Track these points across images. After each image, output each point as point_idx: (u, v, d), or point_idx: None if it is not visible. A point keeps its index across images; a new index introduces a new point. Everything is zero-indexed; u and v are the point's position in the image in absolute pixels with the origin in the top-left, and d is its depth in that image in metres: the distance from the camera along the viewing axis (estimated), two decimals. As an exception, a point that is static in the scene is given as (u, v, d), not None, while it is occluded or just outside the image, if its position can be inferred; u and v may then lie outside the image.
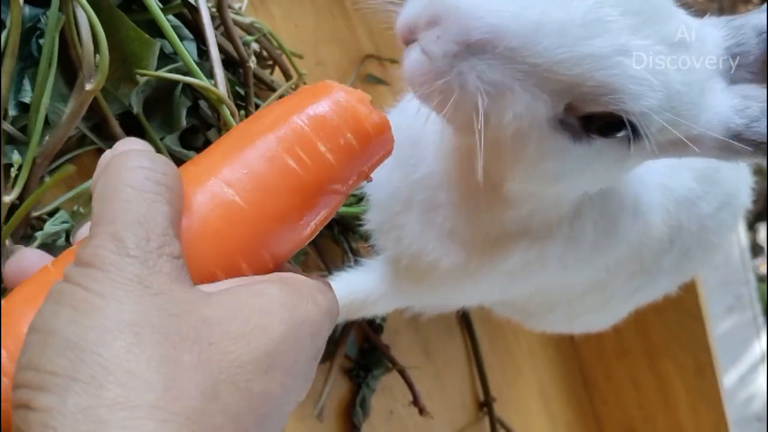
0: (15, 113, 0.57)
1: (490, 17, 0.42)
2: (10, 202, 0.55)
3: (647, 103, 0.44)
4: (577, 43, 0.43)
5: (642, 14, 0.44)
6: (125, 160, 0.37)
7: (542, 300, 0.83)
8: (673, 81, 0.45)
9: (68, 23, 0.58)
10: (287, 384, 0.36)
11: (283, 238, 0.41)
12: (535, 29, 0.42)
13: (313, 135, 0.40)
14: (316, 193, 0.41)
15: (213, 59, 0.64)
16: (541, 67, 0.43)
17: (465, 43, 0.42)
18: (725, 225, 0.80)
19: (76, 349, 0.31)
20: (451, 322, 1.09)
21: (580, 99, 0.45)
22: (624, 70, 0.43)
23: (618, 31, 0.43)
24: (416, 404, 0.93)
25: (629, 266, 0.73)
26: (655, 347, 1.23)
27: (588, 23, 0.43)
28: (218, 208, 0.39)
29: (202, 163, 0.41)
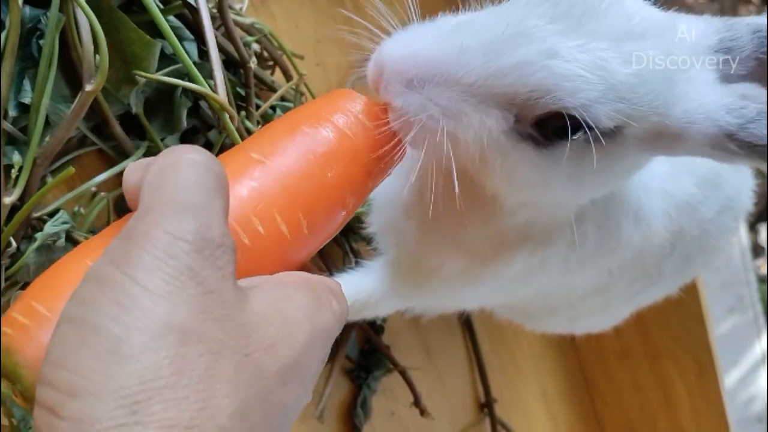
0: (15, 114, 0.57)
1: (420, 54, 0.47)
2: (11, 203, 0.55)
3: (584, 96, 0.45)
4: (501, 55, 0.45)
5: (572, 17, 0.46)
6: (183, 152, 0.35)
7: (543, 303, 0.83)
8: (615, 72, 0.46)
9: (68, 24, 0.58)
10: (300, 392, 0.36)
11: (319, 209, 0.43)
12: (459, 52, 0.46)
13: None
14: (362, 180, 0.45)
15: (213, 61, 0.64)
16: (476, 85, 0.46)
17: (405, 81, 0.46)
18: (727, 228, 0.80)
19: (116, 353, 0.29)
20: (452, 323, 1.09)
21: (524, 107, 0.47)
22: (553, 71, 0.45)
23: (543, 37, 0.45)
24: (417, 405, 0.93)
25: (631, 271, 0.74)
26: (656, 348, 1.23)
27: (511, 36, 0.46)
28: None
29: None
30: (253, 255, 0.39)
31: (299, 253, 0.43)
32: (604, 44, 0.46)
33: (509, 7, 0.48)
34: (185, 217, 0.32)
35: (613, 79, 0.46)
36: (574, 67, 0.45)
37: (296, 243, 0.42)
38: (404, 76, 0.46)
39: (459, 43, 0.46)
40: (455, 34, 0.47)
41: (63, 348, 0.30)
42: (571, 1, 0.46)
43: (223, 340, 0.32)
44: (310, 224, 0.42)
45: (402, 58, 0.47)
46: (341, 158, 0.44)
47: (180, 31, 0.68)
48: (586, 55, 0.45)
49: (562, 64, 0.45)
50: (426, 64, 0.46)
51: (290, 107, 0.80)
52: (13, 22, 0.53)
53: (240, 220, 0.39)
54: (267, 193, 0.41)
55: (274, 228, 0.40)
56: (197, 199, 0.33)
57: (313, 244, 0.44)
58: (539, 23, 0.45)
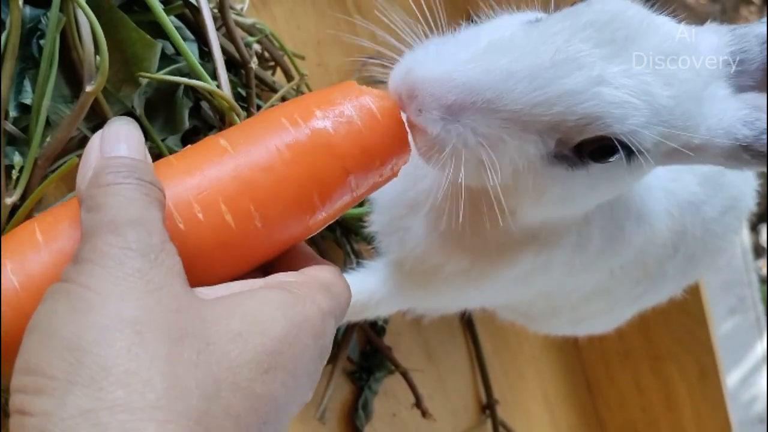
0: (16, 114, 0.56)
1: (458, 77, 0.44)
2: (12, 203, 0.55)
3: (633, 122, 0.45)
4: (549, 83, 0.44)
5: (615, 42, 0.45)
6: (114, 173, 0.37)
7: (545, 304, 0.83)
8: (658, 96, 0.46)
9: (69, 24, 0.57)
10: (290, 384, 0.35)
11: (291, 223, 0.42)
12: (505, 78, 0.44)
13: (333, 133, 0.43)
14: (331, 186, 0.43)
15: (216, 61, 0.64)
16: (521, 113, 0.45)
17: (444, 107, 0.44)
18: (730, 229, 0.79)
19: (75, 350, 0.31)
20: (453, 325, 1.08)
21: (568, 132, 0.46)
22: (603, 98, 0.44)
23: (591, 63, 0.45)
24: (419, 407, 0.93)
25: (634, 272, 0.73)
26: (658, 350, 1.23)
27: (558, 63, 0.44)
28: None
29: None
30: (187, 241, 0.39)
31: (252, 246, 0.41)
32: (647, 68, 0.46)
33: (549, 29, 0.46)
34: (125, 230, 0.34)
35: (656, 103, 0.46)
36: (622, 93, 0.45)
37: (245, 235, 0.40)
38: (442, 102, 0.44)
39: (503, 67, 0.44)
40: (494, 55, 0.45)
41: (27, 355, 0.32)
42: (614, 25, 0.45)
43: (182, 327, 0.33)
44: (265, 218, 0.41)
45: (439, 82, 0.44)
46: (312, 154, 0.42)
47: (181, 31, 0.67)
48: (631, 81, 0.45)
49: (611, 91, 0.44)
50: (467, 89, 0.44)
51: (291, 108, 0.80)
52: (14, 22, 0.53)
53: (179, 205, 0.39)
54: (216, 181, 0.40)
55: (217, 216, 0.40)
56: (132, 214, 0.35)
57: (272, 240, 0.42)
58: (585, 48, 0.45)
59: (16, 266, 0.38)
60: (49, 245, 0.38)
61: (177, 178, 0.41)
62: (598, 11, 0.46)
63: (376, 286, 0.73)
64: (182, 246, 0.38)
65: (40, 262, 0.38)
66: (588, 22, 0.45)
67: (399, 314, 0.98)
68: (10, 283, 0.37)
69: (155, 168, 0.40)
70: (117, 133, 0.39)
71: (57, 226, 0.39)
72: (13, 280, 0.37)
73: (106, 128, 0.40)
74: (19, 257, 0.38)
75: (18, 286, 0.37)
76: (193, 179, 0.40)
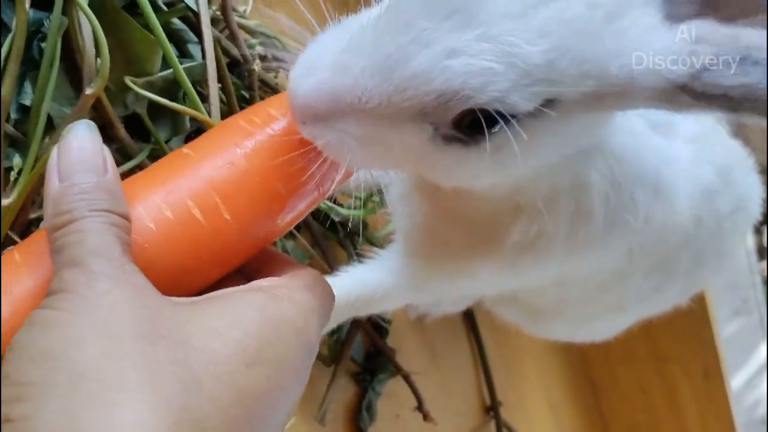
0: (17, 116, 0.57)
1: (320, 85, 0.43)
2: (9, 205, 0.55)
3: (495, 88, 0.41)
4: (395, 70, 0.42)
5: (467, 7, 0.41)
6: (68, 204, 0.38)
7: (556, 296, 0.82)
8: (527, 55, 0.41)
9: (72, 27, 0.58)
10: (276, 379, 0.36)
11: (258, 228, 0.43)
12: (358, 77, 0.42)
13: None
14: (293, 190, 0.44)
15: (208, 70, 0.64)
16: (381, 107, 0.43)
17: (312, 116, 0.43)
18: (738, 231, 0.79)
19: (50, 358, 0.31)
20: (457, 327, 1.08)
21: (435, 114, 0.44)
22: (453, 71, 0.41)
23: (438, 38, 0.41)
24: (420, 410, 0.93)
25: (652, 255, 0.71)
26: (662, 351, 1.22)
27: (402, 46, 0.42)
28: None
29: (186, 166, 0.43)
30: (159, 239, 0.40)
31: (224, 242, 0.42)
32: (509, 24, 0.41)
33: (394, 12, 0.43)
34: (86, 260, 0.35)
35: (525, 61, 0.41)
36: (476, 60, 0.41)
37: (215, 229, 0.41)
38: (312, 113, 0.43)
39: (355, 66, 0.43)
40: (349, 54, 0.43)
41: (6, 370, 0.32)
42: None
43: (156, 330, 0.33)
44: (232, 209, 0.42)
45: (307, 94, 0.43)
46: (271, 148, 0.44)
47: (184, 33, 0.68)
48: (488, 44, 0.41)
49: (463, 60, 0.41)
50: (330, 97, 0.43)
51: (294, 110, 0.80)
52: (20, 25, 0.53)
53: (148, 208, 0.41)
54: (181, 181, 0.42)
55: (186, 213, 0.41)
56: (90, 245, 0.36)
57: (244, 234, 0.43)
58: (430, 24, 0.41)
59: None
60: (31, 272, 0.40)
61: (145, 187, 0.42)
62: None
63: (382, 278, 0.73)
64: (155, 247, 0.39)
65: (23, 287, 0.39)
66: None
67: (402, 315, 0.98)
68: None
69: (125, 186, 0.41)
70: (71, 154, 0.40)
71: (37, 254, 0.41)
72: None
73: (60, 142, 0.40)
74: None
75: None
76: (159, 184, 0.42)
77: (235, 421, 0.33)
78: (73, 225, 0.37)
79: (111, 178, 0.39)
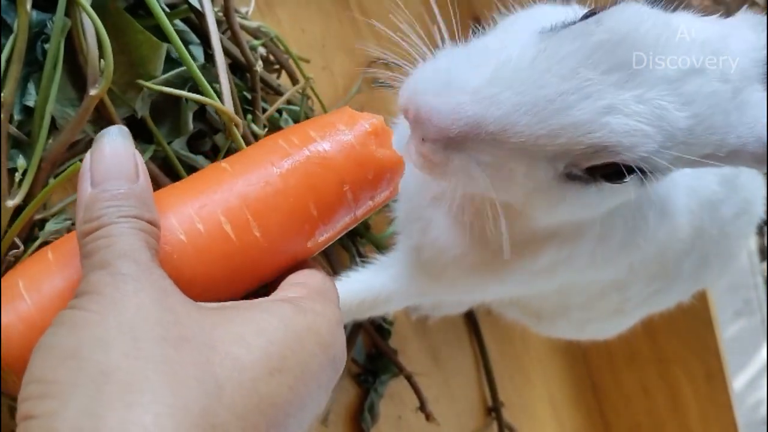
0: (20, 117, 0.57)
1: (463, 110, 0.43)
2: (14, 206, 0.55)
3: (644, 149, 0.44)
4: (554, 115, 0.43)
5: (627, 65, 0.43)
6: (100, 210, 0.38)
7: (558, 301, 0.82)
8: (674, 120, 0.44)
9: (75, 28, 0.58)
10: (298, 389, 0.35)
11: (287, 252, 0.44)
12: (509, 112, 0.43)
13: (327, 163, 0.44)
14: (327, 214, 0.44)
15: (218, 67, 0.64)
16: (525, 144, 0.43)
17: (446, 139, 0.43)
18: (742, 233, 0.79)
19: (75, 357, 0.32)
20: (459, 328, 1.08)
21: (577, 158, 0.45)
22: (611, 129, 0.43)
23: (600, 92, 0.43)
24: (423, 411, 0.93)
25: (652, 267, 0.72)
26: (664, 353, 1.22)
27: (564, 93, 0.42)
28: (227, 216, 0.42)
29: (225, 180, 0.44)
30: (188, 250, 0.41)
31: (253, 258, 0.42)
32: (662, 90, 0.44)
33: (557, 53, 0.44)
34: (115, 263, 0.36)
35: (672, 126, 0.44)
36: (632, 121, 0.43)
37: (245, 245, 0.42)
38: (445, 134, 0.43)
39: (507, 101, 0.43)
40: (497, 86, 0.43)
41: (31, 369, 0.33)
42: (626, 46, 0.43)
43: (181, 333, 0.34)
44: (263, 227, 0.42)
45: (443, 114, 0.43)
46: (306, 168, 0.44)
47: (186, 34, 0.68)
48: (644, 107, 0.43)
49: (620, 120, 0.43)
50: (470, 124, 0.43)
51: (296, 111, 0.80)
52: (22, 26, 0.53)
53: (180, 219, 0.41)
54: (215, 196, 0.42)
55: (217, 227, 0.41)
56: (119, 249, 0.37)
57: (273, 251, 0.43)
58: (594, 75, 0.43)
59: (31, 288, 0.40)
60: (62, 271, 0.41)
61: (179, 197, 0.43)
62: (608, 30, 0.44)
63: (386, 282, 0.73)
64: (184, 257, 0.40)
65: (52, 286, 0.40)
66: (598, 44, 0.43)
67: (405, 317, 0.98)
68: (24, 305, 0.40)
69: (159, 196, 0.42)
70: (104, 161, 0.40)
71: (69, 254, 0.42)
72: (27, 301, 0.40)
73: (93, 147, 0.41)
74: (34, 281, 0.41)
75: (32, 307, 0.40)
76: (194, 196, 0.43)
77: (255, 428, 0.33)
78: (103, 230, 0.38)
79: (142, 185, 0.40)
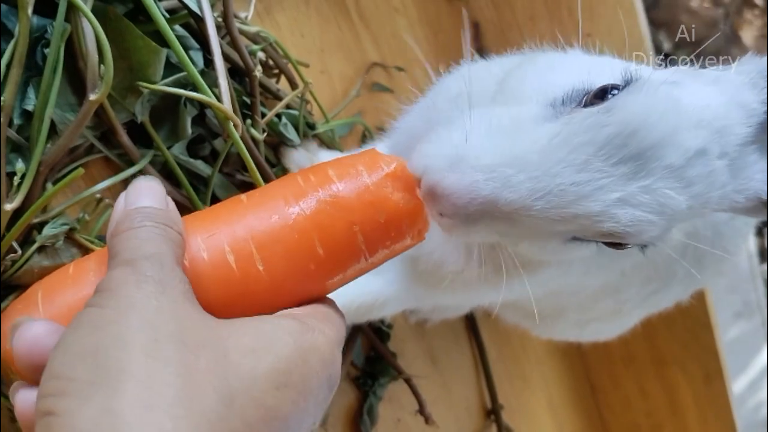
0: (20, 122, 0.57)
1: (479, 191, 0.44)
2: (12, 210, 0.55)
3: (649, 235, 0.46)
4: (568, 205, 0.44)
5: (638, 156, 0.44)
6: (131, 219, 0.41)
7: (553, 303, 0.83)
8: (676, 205, 0.46)
9: (75, 33, 0.58)
10: (300, 404, 0.37)
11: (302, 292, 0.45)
12: (524, 196, 0.44)
13: (346, 208, 0.45)
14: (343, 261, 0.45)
15: (218, 71, 0.64)
16: (539, 225, 0.45)
17: (459, 215, 0.44)
18: (739, 233, 0.79)
19: (95, 354, 0.33)
20: (458, 331, 1.09)
21: (584, 233, 0.47)
22: (620, 220, 0.44)
23: (611, 184, 0.44)
24: (422, 413, 0.93)
25: (645, 271, 0.73)
26: (663, 355, 1.22)
27: (577, 184, 0.44)
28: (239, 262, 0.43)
29: (233, 219, 0.45)
30: (190, 275, 0.41)
31: (254, 291, 0.42)
32: (669, 177, 0.45)
33: (569, 141, 0.45)
34: (139, 263, 0.38)
35: (674, 211, 0.46)
36: (639, 212, 0.44)
37: (246, 276, 0.42)
38: (462, 212, 0.44)
39: (522, 186, 0.44)
40: (512, 168, 0.44)
41: (51, 365, 0.34)
42: (637, 137, 0.44)
43: (198, 339, 0.35)
44: (266, 261, 0.42)
45: (459, 194, 0.44)
46: (317, 205, 0.44)
47: (185, 40, 0.68)
48: (650, 197, 0.45)
49: (629, 211, 0.44)
50: (485, 203, 0.44)
51: (295, 115, 0.81)
52: (23, 30, 0.54)
53: (189, 246, 0.42)
54: (224, 225, 0.43)
55: (220, 256, 0.42)
56: (146, 251, 0.39)
57: (275, 287, 0.43)
58: (605, 167, 0.44)
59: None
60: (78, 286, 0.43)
61: (192, 224, 0.44)
62: (620, 123, 0.44)
63: (382, 286, 0.73)
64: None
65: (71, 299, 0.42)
66: (610, 136, 0.44)
67: (403, 320, 0.98)
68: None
69: (187, 220, 0.44)
70: (139, 189, 0.44)
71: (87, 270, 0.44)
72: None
73: (129, 186, 0.44)
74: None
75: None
76: (204, 225, 0.44)
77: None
78: (132, 232, 0.40)
79: (172, 208, 0.43)
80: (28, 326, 0.39)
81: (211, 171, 0.70)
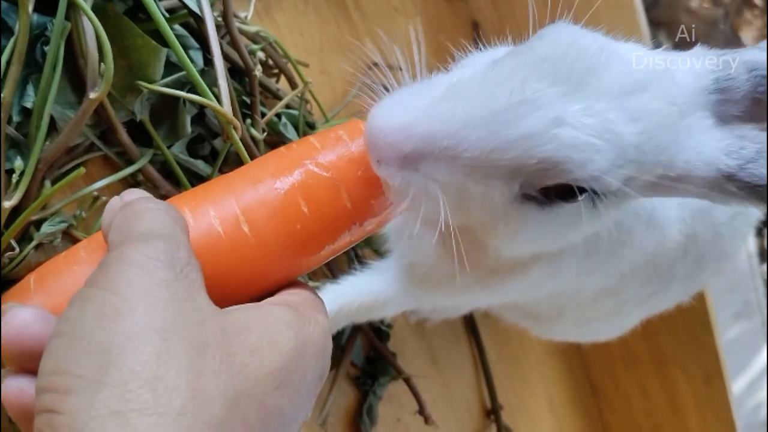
0: (19, 119, 0.57)
1: (415, 126, 0.43)
2: (11, 207, 0.55)
3: (595, 166, 0.44)
4: (505, 127, 0.42)
5: (573, 77, 0.43)
6: (144, 202, 0.40)
7: (552, 304, 0.83)
8: (623, 134, 0.44)
9: (75, 31, 0.58)
10: (296, 401, 0.37)
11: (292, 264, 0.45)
12: (461, 125, 0.43)
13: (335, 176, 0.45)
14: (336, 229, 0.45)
15: (217, 71, 0.64)
16: (479, 159, 0.43)
17: (401, 158, 0.43)
18: (739, 234, 0.79)
19: (105, 352, 0.32)
20: (458, 330, 1.09)
21: (530, 177, 0.45)
22: (562, 141, 0.43)
23: (549, 103, 0.43)
24: (422, 414, 0.93)
25: (644, 273, 0.73)
26: (663, 355, 1.22)
27: (514, 105, 0.42)
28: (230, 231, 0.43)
29: (227, 186, 0.45)
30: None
31: (243, 256, 0.43)
32: (609, 103, 0.44)
33: (504, 67, 0.44)
34: (155, 242, 0.36)
35: (621, 141, 0.44)
36: (582, 134, 0.43)
37: (234, 241, 0.43)
38: (399, 152, 0.43)
39: (458, 114, 0.43)
40: (449, 102, 0.43)
41: (55, 358, 0.33)
42: (570, 59, 0.44)
43: (205, 339, 0.34)
44: (252, 224, 0.43)
45: (396, 131, 0.43)
46: (300, 171, 0.45)
47: (185, 39, 0.68)
48: (593, 119, 0.43)
49: (570, 132, 0.42)
50: (423, 138, 0.43)
51: (295, 115, 0.81)
52: (23, 28, 0.54)
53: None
54: (210, 194, 0.44)
55: (207, 221, 0.43)
56: (162, 230, 0.38)
57: (263, 249, 0.43)
58: (541, 87, 0.43)
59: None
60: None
61: (181, 199, 0.45)
62: (551, 44, 0.44)
63: (383, 287, 0.74)
64: None
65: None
66: (542, 57, 0.44)
67: (403, 320, 0.98)
68: None
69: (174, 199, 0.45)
70: (135, 191, 0.44)
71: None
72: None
73: (123, 193, 0.44)
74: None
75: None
76: (191, 196, 0.45)
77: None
78: (148, 211, 0.39)
79: (172, 207, 0.42)
80: (17, 311, 0.38)
81: (211, 170, 0.70)
